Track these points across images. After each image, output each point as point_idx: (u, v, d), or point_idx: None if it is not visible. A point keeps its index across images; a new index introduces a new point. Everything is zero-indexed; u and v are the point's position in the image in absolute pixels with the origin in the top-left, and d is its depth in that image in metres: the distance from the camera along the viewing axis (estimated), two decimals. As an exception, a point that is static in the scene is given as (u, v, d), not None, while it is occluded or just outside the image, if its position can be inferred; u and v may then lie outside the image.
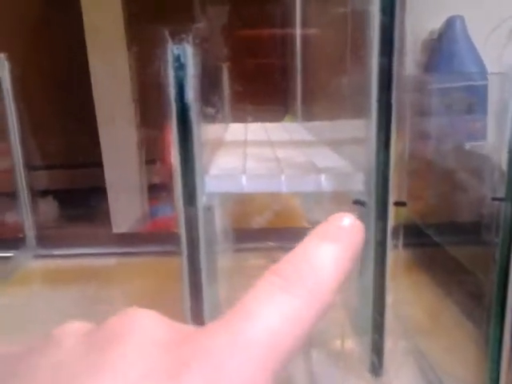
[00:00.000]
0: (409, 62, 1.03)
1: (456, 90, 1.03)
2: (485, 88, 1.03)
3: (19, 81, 0.72)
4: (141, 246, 0.82)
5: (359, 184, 0.37)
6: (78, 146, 1.51)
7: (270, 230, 0.81)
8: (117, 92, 1.28)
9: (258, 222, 0.86)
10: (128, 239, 0.88)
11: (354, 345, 0.46)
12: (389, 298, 0.37)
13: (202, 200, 0.36)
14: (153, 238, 0.87)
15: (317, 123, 0.64)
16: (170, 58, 0.32)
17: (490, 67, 1.05)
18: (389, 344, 0.40)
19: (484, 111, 1.02)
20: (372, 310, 0.38)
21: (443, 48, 1.02)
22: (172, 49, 0.32)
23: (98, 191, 1.36)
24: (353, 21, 0.50)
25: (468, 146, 0.92)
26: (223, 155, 0.47)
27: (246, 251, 0.76)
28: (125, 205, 1.33)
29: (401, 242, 0.39)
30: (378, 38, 0.34)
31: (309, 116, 0.74)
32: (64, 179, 1.60)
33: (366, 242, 0.37)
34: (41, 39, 1.23)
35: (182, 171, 0.35)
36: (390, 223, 0.36)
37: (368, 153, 0.36)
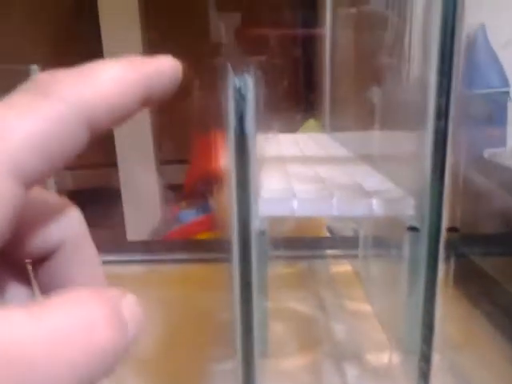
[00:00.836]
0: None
1: (476, 97, 1.03)
2: (505, 96, 1.03)
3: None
4: (164, 254, 0.82)
5: (410, 209, 0.37)
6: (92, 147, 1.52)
7: (293, 239, 0.81)
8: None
9: (281, 230, 0.86)
10: (145, 246, 0.88)
11: (395, 362, 0.47)
12: (438, 325, 0.38)
13: (255, 225, 0.37)
14: (176, 245, 0.88)
15: (349, 134, 0.64)
16: (231, 90, 0.32)
17: (510, 74, 1.05)
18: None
19: (504, 119, 1.02)
20: (421, 331, 0.39)
21: (464, 55, 1.02)
22: (233, 80, 0.32)
23: (113, 193, 1.36)
24: (397, 23, 0.50)
25: (487, 153, 0.93)
26: (266, 173, 0.47)
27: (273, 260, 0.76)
28: (141, 212, 1.34)
29: (453, 258, 0.40)
30: (437, 46, 0.33)
31: (338, 124, 0.74)
32: (79, 181, 1.61)
33: (417, 265, 0.38)
34: (68, 50, 1.24)
35: (237, 199, 0.35)
36: (442, 249, 0.36)
37: (419, 174, 0.36)
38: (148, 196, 1.40)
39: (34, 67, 0.68)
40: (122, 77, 0.16)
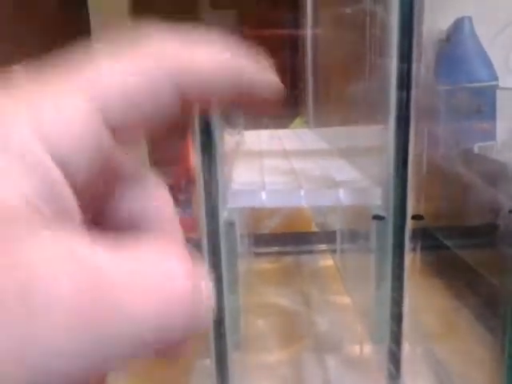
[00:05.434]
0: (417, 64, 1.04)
1: (464, 91, 1.03)
2: (494, 89, 1.03)
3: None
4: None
5: (377, 199, 0.38)
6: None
7: (278, 235, 0.82)
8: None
9: (268, 226, 0.87)
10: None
11: (371, 352, 0.47)
12: (406, 309, 0.38)
13: (223, 215, 0.37)
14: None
15: (329, 130, 0.65)
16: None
17: (498, 67, 1.05)
18: (405, 349, 0.40)
19: (493, 112, 1.02)
20: (389, 320, 0.39)
21: (451, 49, 1.02)
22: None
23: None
24: (368, 23, 0.50)
25: (477, 147, 0.93)
26: (241, 167, 0.48)
27: (256, 256, 0.77)
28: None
29: (419, 246, 0.40)
30: (396, 42, 0.34)
31: (321, 121, 0.74)
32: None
33: (384, 255, 0.38)
34: (52, 50, 1.25)
35: (205, 189, 0.36)
36: (408, 237, 0.37)
37: (385, 165, 0.37)
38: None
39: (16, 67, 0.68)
40: (219, 58, 0.16)
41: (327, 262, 0.71)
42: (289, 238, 0.78)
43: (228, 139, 0.39)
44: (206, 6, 1.36)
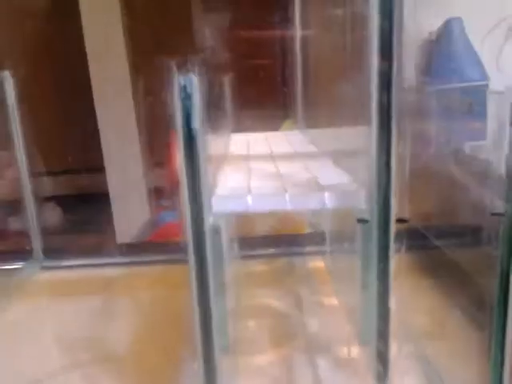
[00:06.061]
0: (407, 64, 1.04)
1: (455, 91, 1.03)
2: (484, 88, 1.03)
3: (23, 95, 0.73)
4: (147, 255, 0.83)
5: (362, 202, 0.38)
6: (80, 155, 1.52)
7: (272, 237, 0.82)
8: (117, 100, 1.29)
9: (261, 229, 0.87)
10: (134, 248, 0.89)
11: (360, 353, 0.48)
12: (392, 311, 0.38)
13: (208, 221, 0.37)
14: (158, 247, 0.88)
15: (318, 132, 0.65)
16: (176, 88, 0.33)
17: (488, 67, 1.06)
18: (393, 349, 0.40)
19: (483, 112, 1.03)
20: (376, 321, 0.39)
21: (442, 49, 1.03)
22: (178, 79, 0.33)
23: (102, 198, 1.37)
24: (352, 25, 0.51)
25: (467, 146, 0.93)
26: (228, 171, 0.48)
27: (248, 258, 0.77)
28: (129, 215, 1.34)
29: (404, 246, 0.40)
30: (376, 42, 0.34)
31: (310, 123, 0.74)
32: (67, 186, 1.62)
33: (369, 258, 0.38)
34: (43, 55, 1.24)
35: (189, 195, 0.36)
36: (392, 239, 0.37)
37: (369, 168, 0.37)
38: (136, 199, 1.41)
39: (6, 73, 0.69)
40: None
41: (318, 263, 0.72)
42: (280, 240, 0.78)
43: (214, 143, 0.39)
44: (198, 8, 1.37)
